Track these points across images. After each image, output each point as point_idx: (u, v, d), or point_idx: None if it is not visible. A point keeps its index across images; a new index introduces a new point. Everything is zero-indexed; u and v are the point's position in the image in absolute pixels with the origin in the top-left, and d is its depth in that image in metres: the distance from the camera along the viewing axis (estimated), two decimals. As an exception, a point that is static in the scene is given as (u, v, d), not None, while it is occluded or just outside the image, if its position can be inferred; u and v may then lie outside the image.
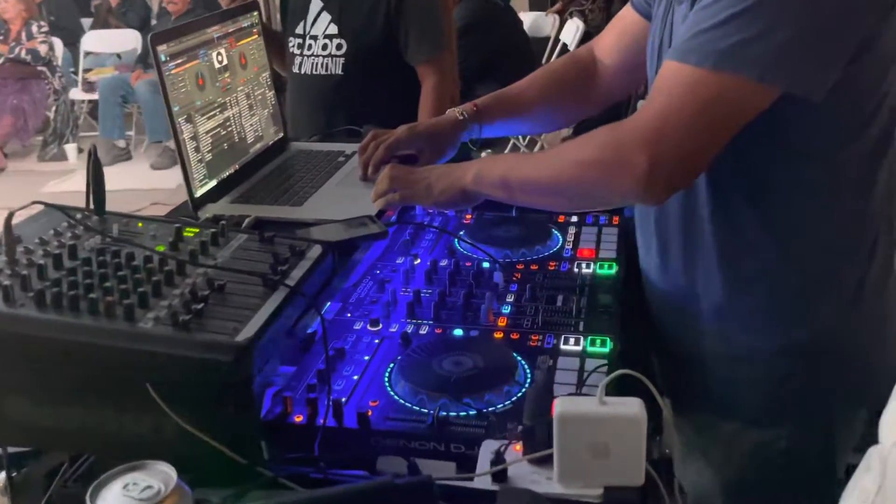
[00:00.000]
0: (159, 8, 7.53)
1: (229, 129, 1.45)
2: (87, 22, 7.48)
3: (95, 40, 6.88)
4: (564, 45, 5.05)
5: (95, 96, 6.21)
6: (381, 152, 1.45)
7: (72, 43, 6.89)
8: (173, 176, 5.66)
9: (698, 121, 0.99)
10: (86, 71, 6.65)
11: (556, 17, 5.41)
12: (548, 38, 5.42)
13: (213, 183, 1.39)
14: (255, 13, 1.56)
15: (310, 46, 2.43)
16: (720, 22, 0.96)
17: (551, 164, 1.16)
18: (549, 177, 1.14)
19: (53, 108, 6.28)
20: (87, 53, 6.79)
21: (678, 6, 1.11)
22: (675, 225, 1.17)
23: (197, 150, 1.35)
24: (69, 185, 5.64)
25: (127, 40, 6.72)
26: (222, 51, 1.43)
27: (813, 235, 1.10)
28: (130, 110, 6.36)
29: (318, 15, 2.41)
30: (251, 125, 1.53)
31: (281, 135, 1.65)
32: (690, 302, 1.18)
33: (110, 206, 1.13)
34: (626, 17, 1.40)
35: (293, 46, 2.47)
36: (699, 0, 1.01)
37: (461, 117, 1.44)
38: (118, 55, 6.85)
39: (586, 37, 4.97)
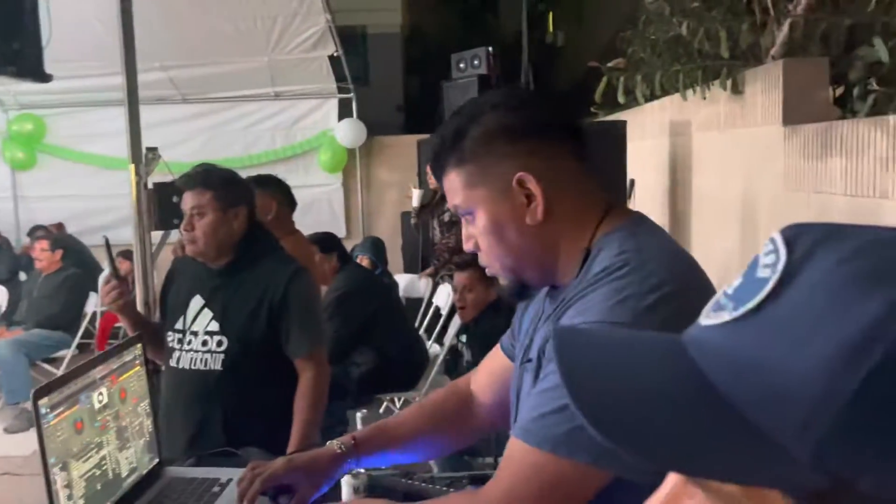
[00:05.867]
0: (28, 259, 7.43)
1: (104, 468, 1.44)
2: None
3: (-42, 295, 6.63)
4: (438, 308, 5.30)
5: (-49, 354, 5.88)
6: (258, 486, 1.47)
7: (-70, 296, 6.62)
8: (28, 441, 5.29)
9: (540, 502, 1.04)
10: (-56, 327, 6.34)
11: (430, 279, 5.71)
12: (422, 299, 5.68)
13: (83, 528, 1.36)
14: (139, 345, 1.61)
15: (189, 341, 2.47)
16: (557, 408, 1.02)
17: None
18: None
19: None
20: (-53, 309, 6.52)
21: (525, 374, 1.19)
22: None
23: (70, 497, 1.33)
24: None
25: (-8, 296, 6.52)
26: (104, 390, 1.46)
27: None
28: (-14, 367, 6.03)
29: (200, 311, 2.48)
30: (126, 458, 1.53)
31: (156, 461, 1.65)
32: None
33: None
34: (496, 358, 1.48)
35: (172, 341, 2.50)
36: (539, 380, 1.09)
37: (339, 451, 1.48)
38: (-20, 310, 6.61)
39: (458, 300, 5.25)
